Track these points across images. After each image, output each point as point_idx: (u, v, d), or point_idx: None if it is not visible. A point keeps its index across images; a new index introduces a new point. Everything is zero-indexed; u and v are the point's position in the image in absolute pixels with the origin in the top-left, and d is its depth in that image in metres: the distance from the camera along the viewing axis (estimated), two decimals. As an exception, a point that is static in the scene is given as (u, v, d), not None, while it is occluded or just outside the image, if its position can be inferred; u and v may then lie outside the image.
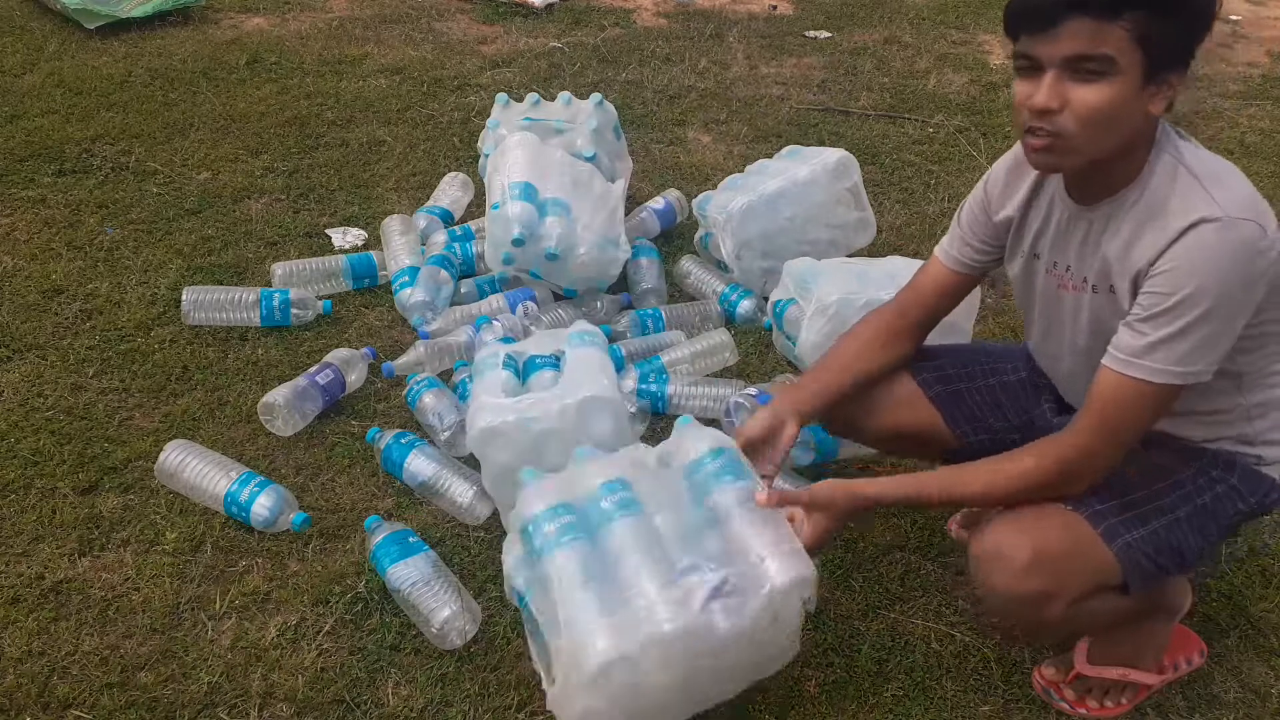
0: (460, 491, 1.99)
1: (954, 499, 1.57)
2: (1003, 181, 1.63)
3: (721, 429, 2.21)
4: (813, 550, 1.51)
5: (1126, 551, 1.46)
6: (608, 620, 1.39)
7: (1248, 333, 1.41)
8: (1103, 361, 1.42)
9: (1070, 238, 1.52)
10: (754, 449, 1.67)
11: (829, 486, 1.53)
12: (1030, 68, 1.35)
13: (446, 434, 2.12)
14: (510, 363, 1.90)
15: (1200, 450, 1.55)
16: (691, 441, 1.61)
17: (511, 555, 1.55)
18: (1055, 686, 1.71)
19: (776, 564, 1.45)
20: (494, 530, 1.97)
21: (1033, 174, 1.57)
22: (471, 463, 2.00)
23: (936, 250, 1.76)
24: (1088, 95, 1.32)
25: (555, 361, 1.89)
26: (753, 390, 2.22)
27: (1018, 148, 1.56)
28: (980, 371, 1.82)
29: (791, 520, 1.54)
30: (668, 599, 1.41)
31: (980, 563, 1.48)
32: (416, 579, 1.77)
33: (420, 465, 2.03)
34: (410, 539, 1.86)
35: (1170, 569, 1.50)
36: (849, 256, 2.73)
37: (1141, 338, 1.37)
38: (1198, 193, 1.35)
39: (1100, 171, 1.42)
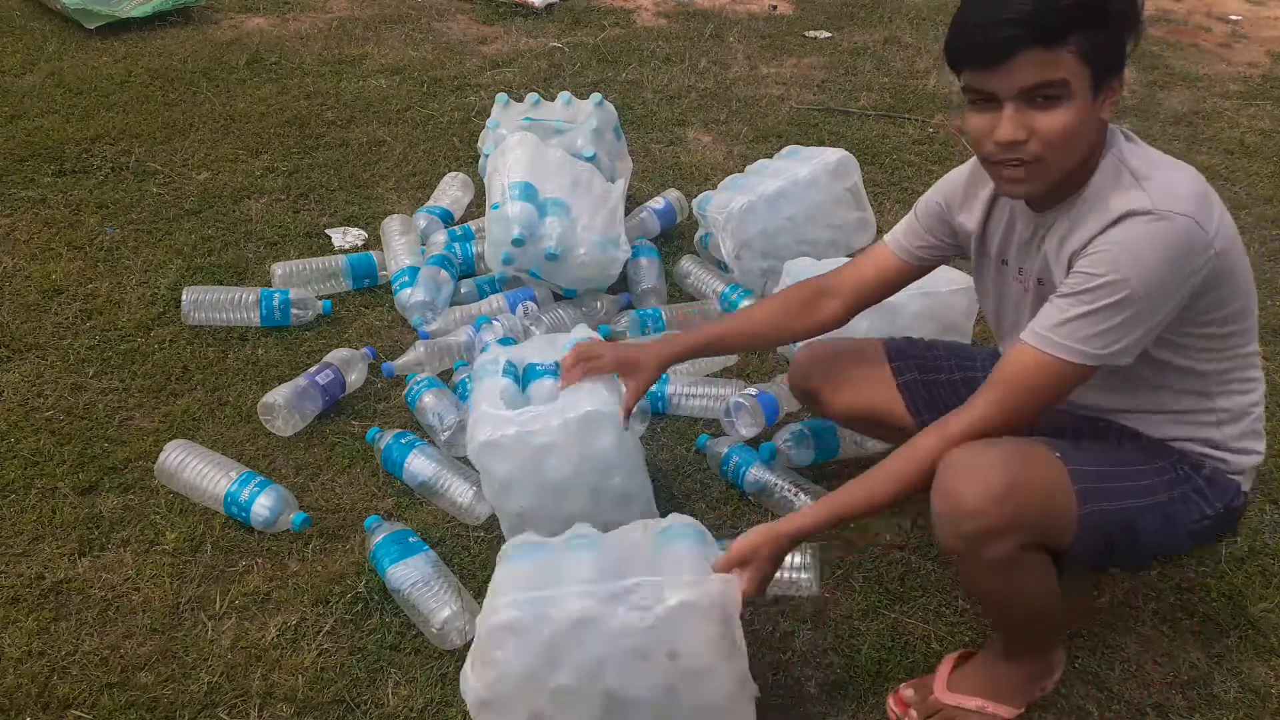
0: (460, 491, 1.99)
1: (878, 503, 1.50)
2: (962, 193, 1.67)
3: (722, 429, 2.22)
4: (755, 595, 1.49)
5: (1090, 516, 1.45)
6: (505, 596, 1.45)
7: (1211, 332, 1.43)
8: (1019, 335, 1.43)
9: (1030, 243, 1.55)
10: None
11: (751, 537, 1.49)
12: (984, 100, 1.37)
13: (446, 434, 2.12)
14: (510, 369, 1.90)
15: (1169, 449, 1.55)
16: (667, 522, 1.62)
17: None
18: (907, 710, 1.65)
19: (672, 589, 1.43)
20: (494, 530, 1.97)
21: (990, 185, 1.58)
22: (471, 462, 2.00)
23: (887, 237, 1.80)
24: (1051, 121, 1.34)
25: (556, 370, 1.89)
26: (753, 390, 2.22)
27: (974, 160, 1.59)
28: (954, 366, 1.85)
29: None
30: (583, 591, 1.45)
31: (953, 475, 1.42)
32: (416, 579, 1.77)
33: (420, 465, 2.04)
34: (410, 539, 1.86)
35: (1120, 552, 1.50)
36: (849, 256, 2.72)
37: (1059, 314, 1.39)
38: (1134, 189, 1.37)
39: (1057, 181, 1.43)
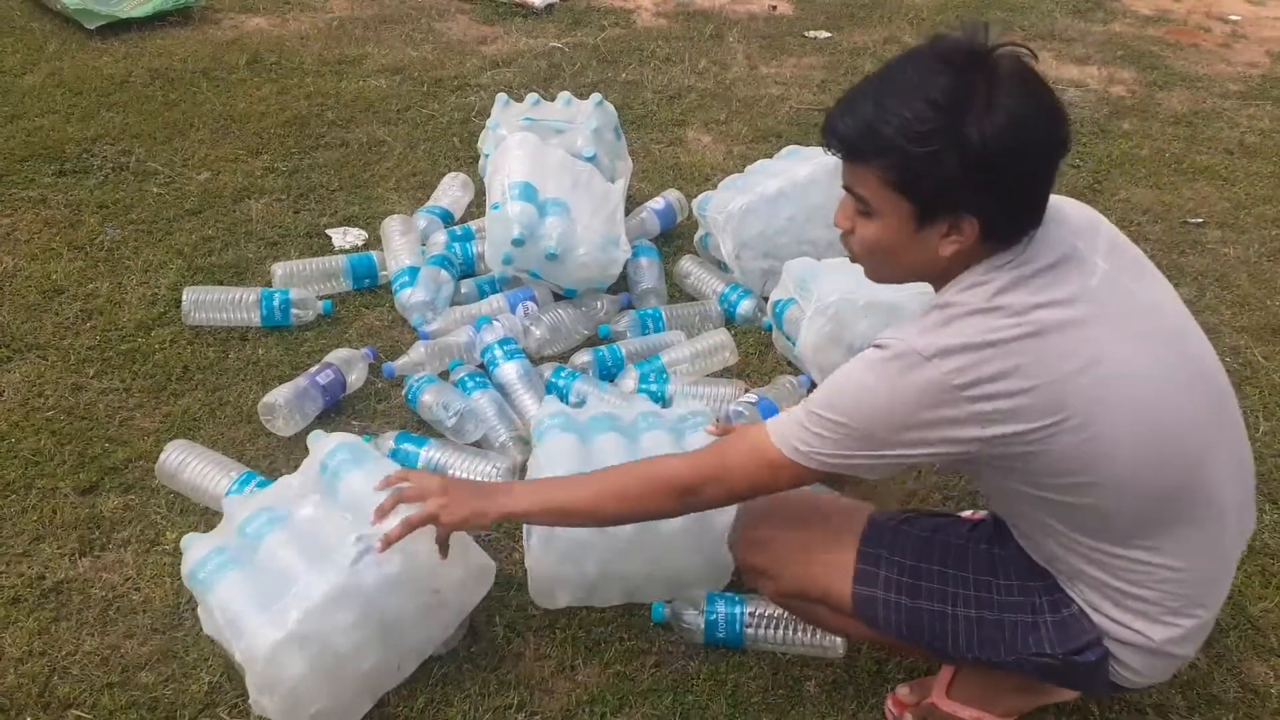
0: (484, 473, 2.04)
1: (599, 514, 1.53)
2: None
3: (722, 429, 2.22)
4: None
5: (868, 602, 1.48)
6: (265, 615, 1.50)
7: (1053, 497, 1.33)
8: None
9: None
10: None
11: (436, 491, 1.54)
12: None
13: (453, 420, 2.13)
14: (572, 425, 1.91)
15: (1046, 576, 1.45)
16: (318, 446, 1.72)
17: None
18: (904, 710, 1.66)
19: (393, 520, 1.52)
20: (494, 530, 1.98)
21: None
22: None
23: None
24: (863, 229, 1.36)
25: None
26: (752, 397, 2.22)
27: None
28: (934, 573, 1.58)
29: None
30: (319, 571, 1.52)
31: (744, 507, 1.60)
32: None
33: (433, 455, 2.07)
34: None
35: (921, 644, 1.50)
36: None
37: (797, 408, 1.40)
38: (910, 322, 1.34)
39: (897, 281, 1.44)
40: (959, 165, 1.24)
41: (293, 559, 1.56)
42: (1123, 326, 1.31)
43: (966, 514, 1.95)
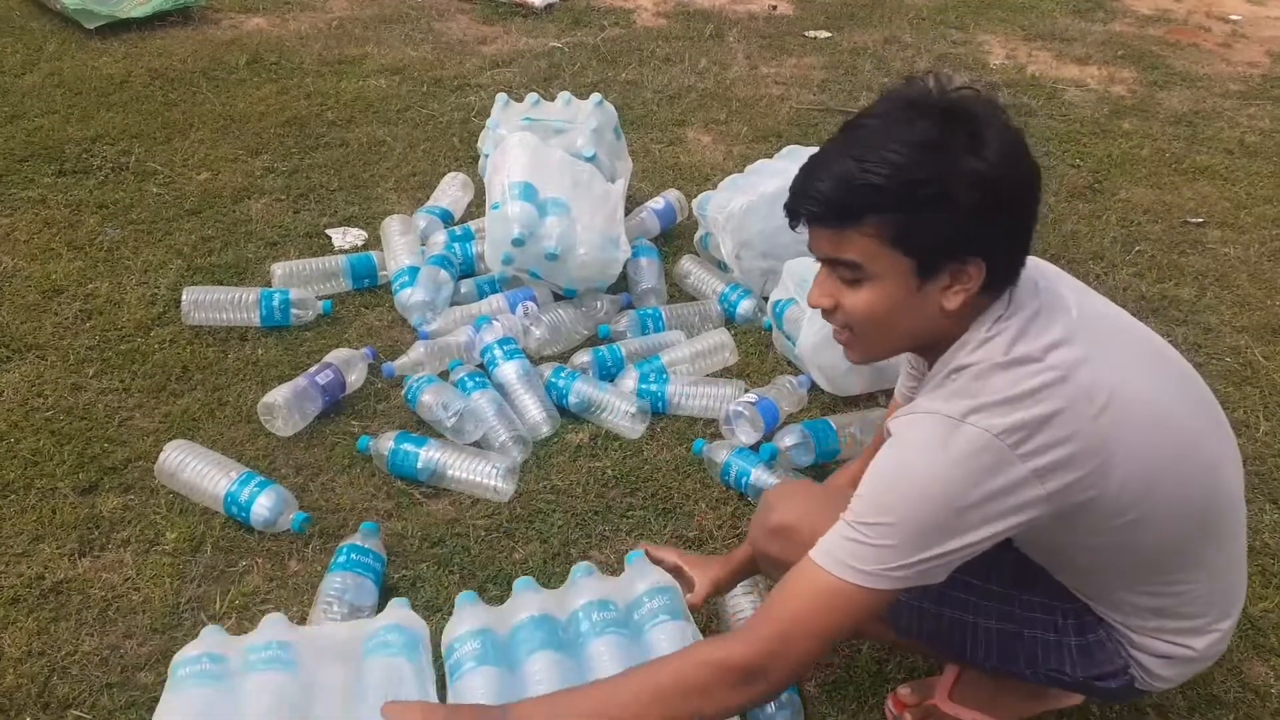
0: (484, 472, 2.04)
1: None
2: None
3: (720, 431, 2.22)
4: None
5: (891, 606, 1.32)
6: None
7: (1109, 541, 1.27)
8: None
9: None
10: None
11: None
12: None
13: (453, 420, 2.13)
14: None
15: (1072, 599, 1.41)
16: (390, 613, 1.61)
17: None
18: (905, 711, 1.64)
19: None
20: (494, 530, 1.98)
21: None
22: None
23: (895, 392, 1.69)
24: (853, 299, 1.26)
25: None
26: (752, 397, 2.21)
27: None
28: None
29: None
30: None
31: (765, 498, 1.55)
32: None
33: (435, 454, 2.06)
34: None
35: (940, 650, 1.48)
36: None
37: (839, 525, 1.23)
38: (926, 398, 1.23)
39: (894, 351, 1.37)
40: (965, 203, 1.17)
41: (261, 707, 1.42)
42: (1115, 353, 1.28)
43: None
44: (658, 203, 2.93)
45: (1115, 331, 1.33)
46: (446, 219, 2.89)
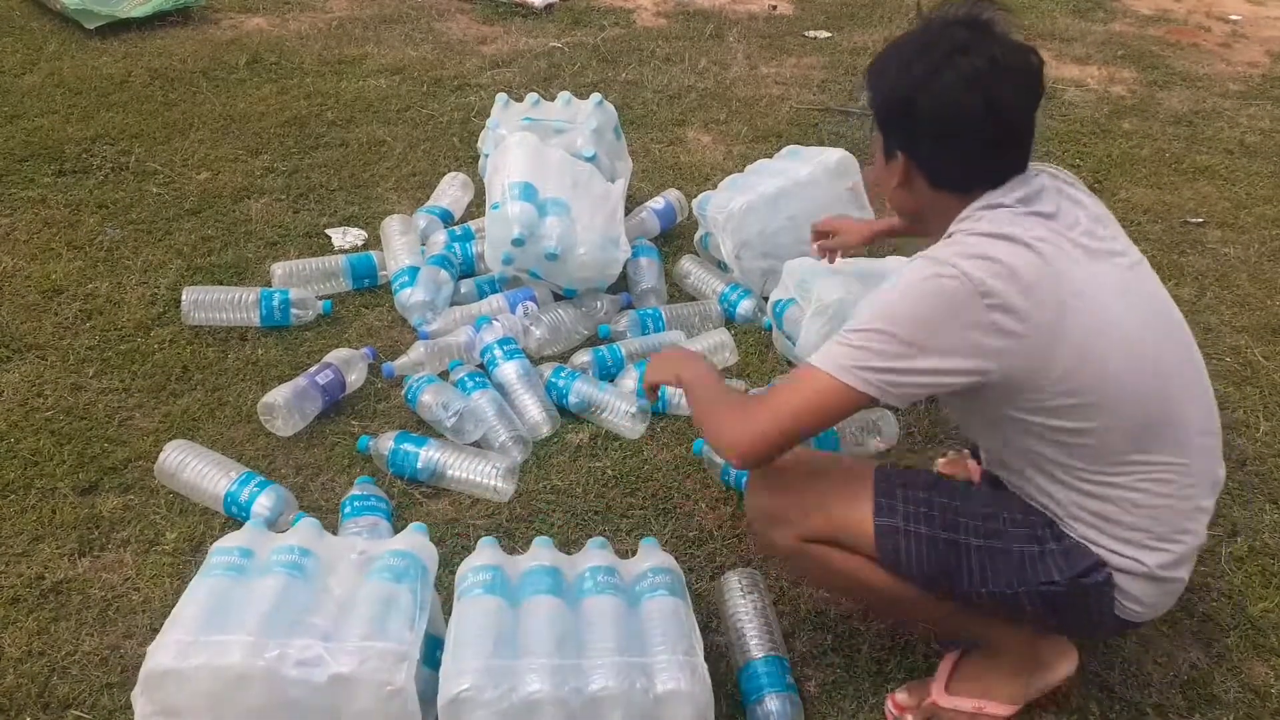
0: (483, 472, 2.04)
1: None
2: None
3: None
4: None
5: (889, 532, 1.50)
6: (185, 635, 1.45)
7: (1053, 423, 1.41)
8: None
9: None
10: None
11: None
12: None
13: (453, 420, 2.13)
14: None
15: (1041, 513, 1.51)
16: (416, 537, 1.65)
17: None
18: (905, 713, 1.66)
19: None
20: (494, 530, 1.98)
21: None
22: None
23: None
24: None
25: None
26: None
27: None
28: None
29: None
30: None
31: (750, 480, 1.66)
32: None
33: (435, 454, 2.07)
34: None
35: (933, 577, 1.50)
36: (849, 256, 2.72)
37: (833, 338, 1.46)
38: (943, 242, 1.45)
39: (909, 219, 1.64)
40: (885, 106, 1.51)
41: (264, 605, 1.46)
42: (1097, 267, 1.42)
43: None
44: (658, 203, 2.93)
45: (1111, 255, 1.46)
46: (446, 219, 2.89)
